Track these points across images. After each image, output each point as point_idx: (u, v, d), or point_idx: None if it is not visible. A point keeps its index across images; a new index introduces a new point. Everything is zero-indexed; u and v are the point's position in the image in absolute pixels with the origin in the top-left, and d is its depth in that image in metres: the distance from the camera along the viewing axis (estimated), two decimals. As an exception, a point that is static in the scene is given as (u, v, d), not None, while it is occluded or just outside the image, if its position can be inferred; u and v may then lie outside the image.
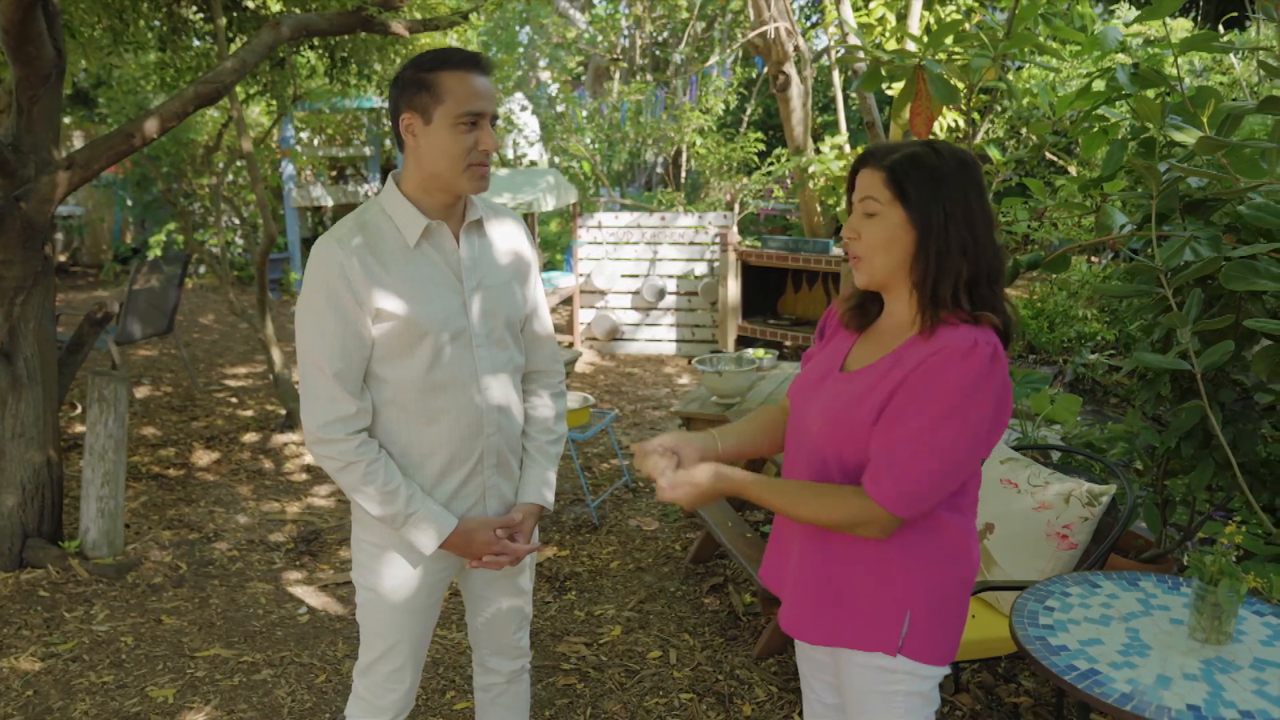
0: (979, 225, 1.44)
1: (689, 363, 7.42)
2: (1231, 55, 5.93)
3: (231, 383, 6.62)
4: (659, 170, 11.80)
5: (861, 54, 3.29)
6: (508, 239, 1.87)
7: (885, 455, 1.44)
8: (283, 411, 5.61)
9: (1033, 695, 2.85)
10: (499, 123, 13.23)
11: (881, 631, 1.53)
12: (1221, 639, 1.76)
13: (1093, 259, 6.66)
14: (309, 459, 5.04)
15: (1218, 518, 2.96)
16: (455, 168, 1.68)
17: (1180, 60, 5.15)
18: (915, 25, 6.21)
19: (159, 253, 9.14)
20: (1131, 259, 2.61)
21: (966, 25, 3.07)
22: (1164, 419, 3.27)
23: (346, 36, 5.55)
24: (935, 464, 1.41)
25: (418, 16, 5.02)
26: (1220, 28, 4.98)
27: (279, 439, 5.30)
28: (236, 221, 10.17)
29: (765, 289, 7.48)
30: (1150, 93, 2.60)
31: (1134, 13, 6.70)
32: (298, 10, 5.01)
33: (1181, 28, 7.06)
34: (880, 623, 1.53)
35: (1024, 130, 7.49)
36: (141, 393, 6.24)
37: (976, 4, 6.33)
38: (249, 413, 5.86)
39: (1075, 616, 1.88)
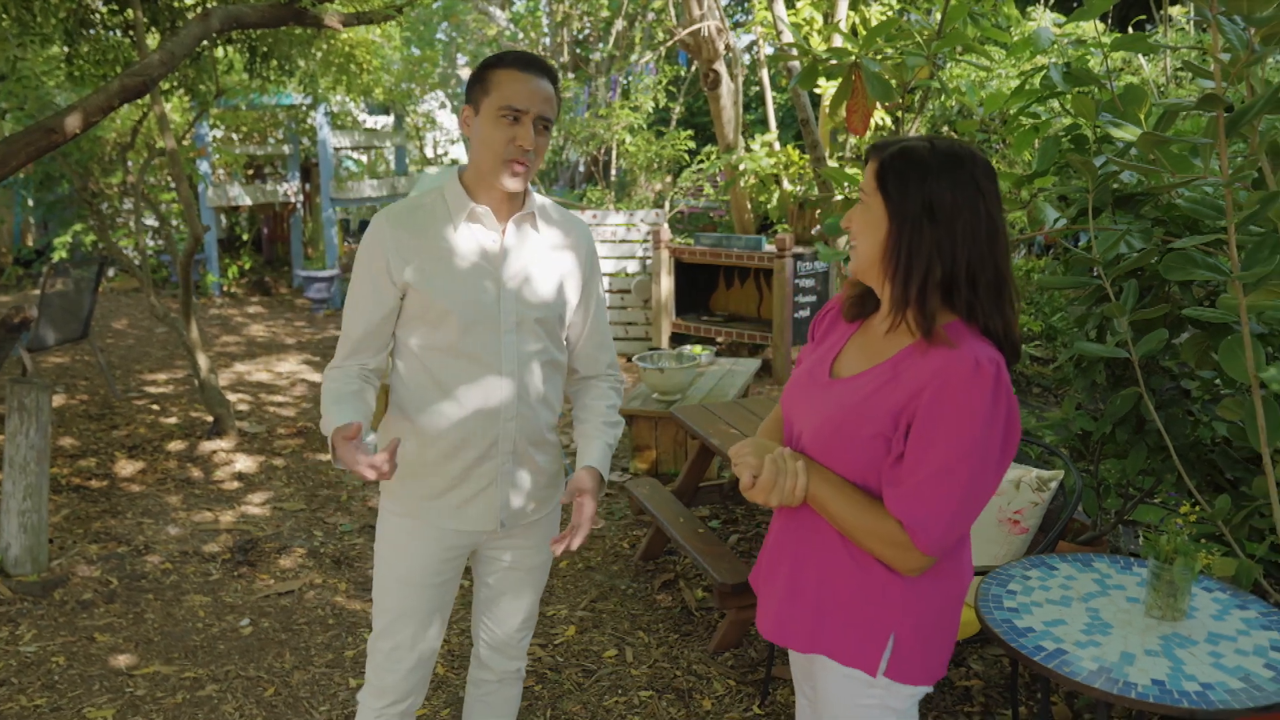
0: (960, 223, 1.36)
1: (628, 360, 7.42)
2: (1140, 56, 6.18)
3: (152, 389, 6.37)
4: (580, 170, 11.78)
5: (796, 52, 3.33)
6: (563, 241, 1.91)
7: (916, 499, 1.36)
8: (209, 418, 5.42)
9: (982, 678, 2.93)
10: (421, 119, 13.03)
11: (864, 649, 1.47)
12: (1176, 615, 1.84)
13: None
14: (240, 466, 4.88)
15: (1149, 501, 3.08)
16: (494, 160, 1.75)
17: (1092, 61, 5.35)
18: (842, 25, 6.33)
19: (65, 255, 8.75)
20: (1066, 251, 2.70)
21: (896, 26, 3.13)
22: (1087, 407, 3.40)
23: (267, 30, 5.39)
24: (957, 503, 1.35)
25: (347, 9, 4.90)
26: (1130, 29, 5.19)
27: (207, 446, 5.12)
28: (154, 223, 9.80)
29: (697, 286, 7.53)
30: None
31: (1050, 15, 6.94)
32: (215, 2, 4.85)
33: (1091, 31, 7.33)
34: (863, 640, 1.46)
35: (945, 129, 7.68)
36: (56, 401, 5.95)
37: (900, 4, 6.47)
38: (173, 420, 5.65)
39: (1037, 599, 1.94)
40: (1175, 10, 6.53)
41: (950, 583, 1.49)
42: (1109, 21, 7.27)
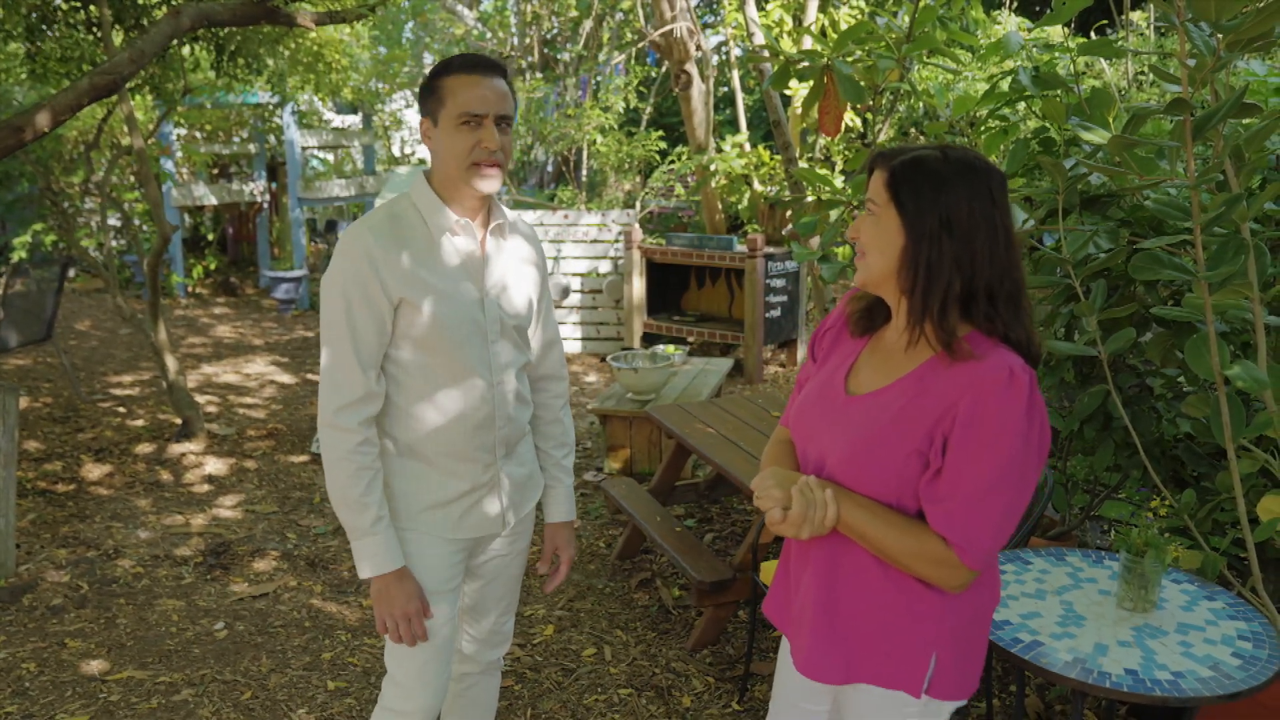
0: (979, 236, 1.34)
1: (600, 360, 7.44)
2: (1103, 60, 6.30)
3: (118, 391, 6.28)
4: (549, 170, 11.76)
5: (768, 54, 3.36)
6: (525, 247, 1.94)
7: (960, 515, 1.34)
8: (178, 420, 5.36)
9: (956, 671, 2.97)
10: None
11: (906, 670, 1.44)
12: (1147, 607, 1.89)
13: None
14: (210, 468, 4.83)
15: (1115, 497, 3.15)
16: (459, 166, 1.74)
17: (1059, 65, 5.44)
18: (811, 28, 6.39)
19: (24, 255, 8.58)
20: (1033, 251, 2.76)
21: (867, 30, 3.17)
22: (1055, 404, 3.47)
23: (235, 28, 5.34)
24: (1000, 515, 1.34)
25: (319, 8, 4.86)
26: (1091, 33, 5.29)
27: (176, 449, 5.06)
28: (117, 222, 9.65)
29: (669, 286, 7.55)
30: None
31: (1015, 19, 7.06)
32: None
33: (1056, 35, 7.46)
34: (905, 661, 1.44)
35: (912, 131, 7.77)
36: (20, 404, 5.85)
37: (869, 6, 6.54)
38: (140, 422, 5.57)
39: (1013, 592, 1.99)
40: (1136, 15, 6.67)
41: (985, 594, 1.48)
42: (1071, 26, 7.40)
